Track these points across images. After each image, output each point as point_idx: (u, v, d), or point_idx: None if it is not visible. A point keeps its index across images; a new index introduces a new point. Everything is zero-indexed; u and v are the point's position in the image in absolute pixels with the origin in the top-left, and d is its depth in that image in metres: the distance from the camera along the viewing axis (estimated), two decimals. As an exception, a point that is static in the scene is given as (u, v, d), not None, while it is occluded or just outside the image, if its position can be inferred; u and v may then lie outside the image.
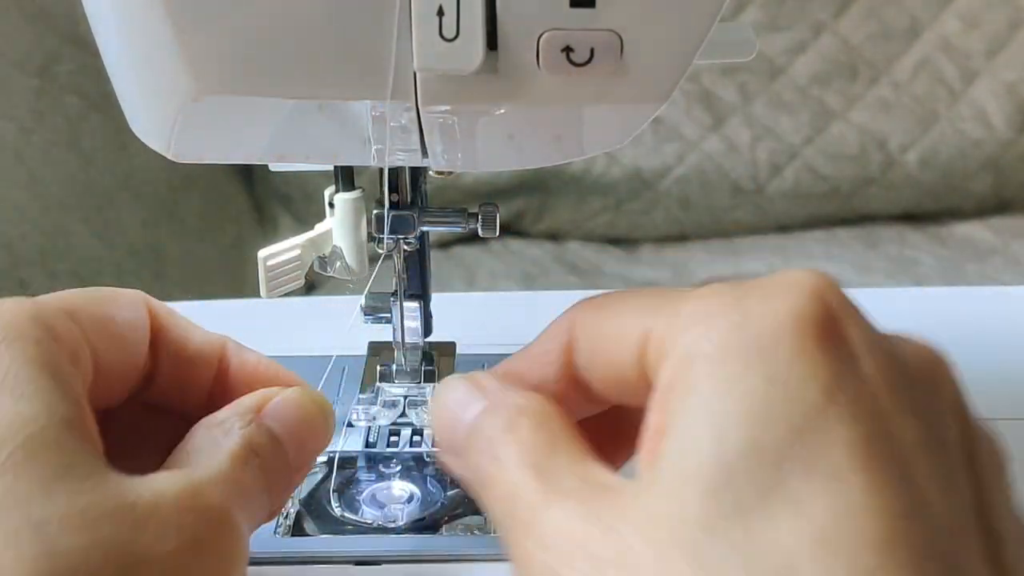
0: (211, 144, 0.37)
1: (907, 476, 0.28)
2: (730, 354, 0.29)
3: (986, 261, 1.14)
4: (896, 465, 0.28)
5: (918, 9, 1.18)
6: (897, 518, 0.27)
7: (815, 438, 0.28)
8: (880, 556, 0.27)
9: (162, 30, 0.33)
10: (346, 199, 0.43)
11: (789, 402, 0.28)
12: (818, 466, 0.28)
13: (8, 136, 0.96)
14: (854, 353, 0.29)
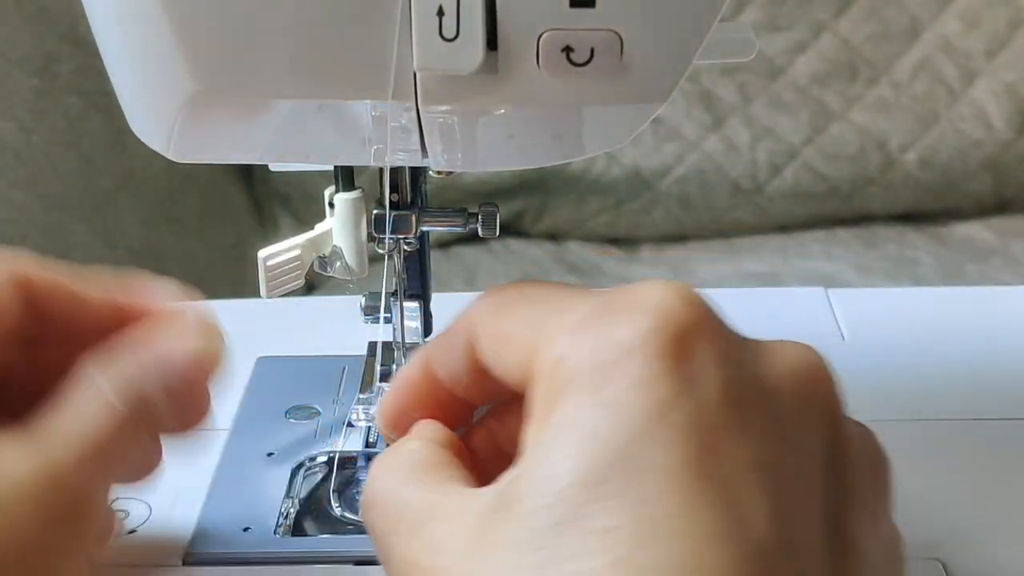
0: (211, 144, 0.37)
1: (727, 498, 0.28)
2: (581, 378, 0.30)
3: (986, 261, 1.13)
4: (717, 487, 0.28)
5: (918, 9, 1.18)
6: (703, 541, 0.27)
7: (635, 463, 0.28)
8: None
9: (162, 30, 0.33)
10: (346, 199, 0.43)
11: (620, 424, 0.29)
12: (632, 490, 0.28)
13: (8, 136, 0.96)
14: (697, 373, 0.29)
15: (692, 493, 0.28)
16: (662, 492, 0.28)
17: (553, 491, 0.28)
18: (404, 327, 0.46)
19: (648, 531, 0.27)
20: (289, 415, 0.48)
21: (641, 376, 0.29)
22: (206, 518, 0.42)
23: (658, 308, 0.30)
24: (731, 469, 0.29)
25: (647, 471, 0.28)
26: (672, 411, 0.29)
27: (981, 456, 0.47)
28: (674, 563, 0.27)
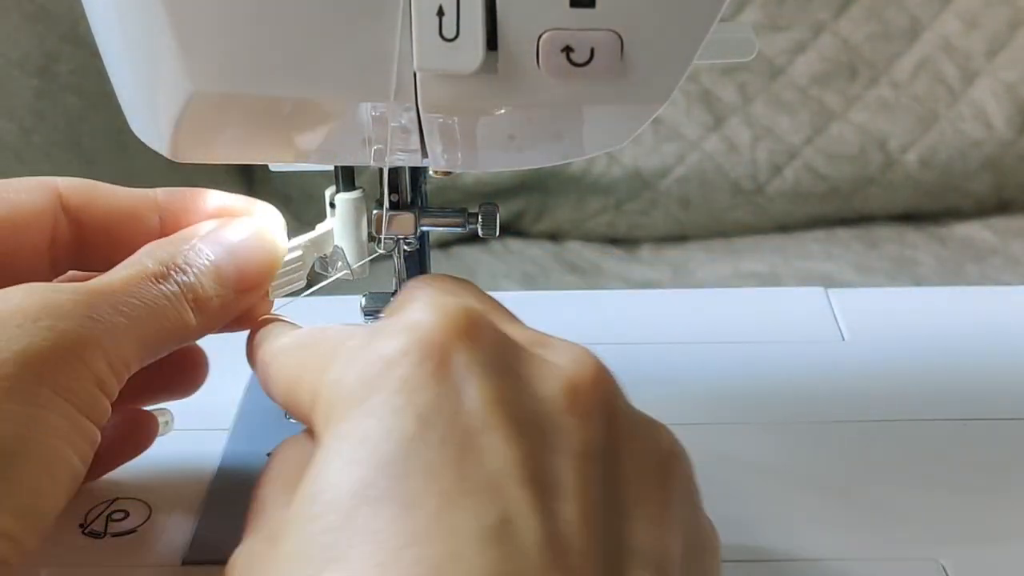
0: (211, 144, 0.37)
1: (488, 499, 0.29)
2: (349, 394, 0.31)
3: (986, 261, 1.13)
4: (478, 488, 0.29)
5: (918, 9, 1.18)
6: (466, 541, 0.28)
7: (399, 468, 0.29)
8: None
9: (162, 30, 0.33)
10: (347, 199, 0.43)
11: (383, 432, 0.30)
12: (395, 494, 0.29)
13: (8, 136, 0.96)
14: (460, 378, 0.30)
15: (455, 495, 0.28)
16: (426, 495, 0.28)
17: (323, 501, 0.29)
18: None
19: (411, 532, 0.28)
20: (289, 415, 0.48)
21: (404, 384, 0.30)
22: (206, 518, 0.42)
23: (418, 323, 0.31)
24: (494, 469, 0.29)
25: (411, 475, 0.29)
26: (434, 415, 0.30)
27: (981, 456, 0.47)
28: (437, 563, 0.27)
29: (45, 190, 0.39)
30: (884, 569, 0.41)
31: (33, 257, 0.39)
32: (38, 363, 0.33)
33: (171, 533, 0.41)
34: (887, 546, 0.42)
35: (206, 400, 0.48)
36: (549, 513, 0.29)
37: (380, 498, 0.29)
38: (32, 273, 0.39)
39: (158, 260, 0.37)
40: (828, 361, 0.53)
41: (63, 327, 0.33)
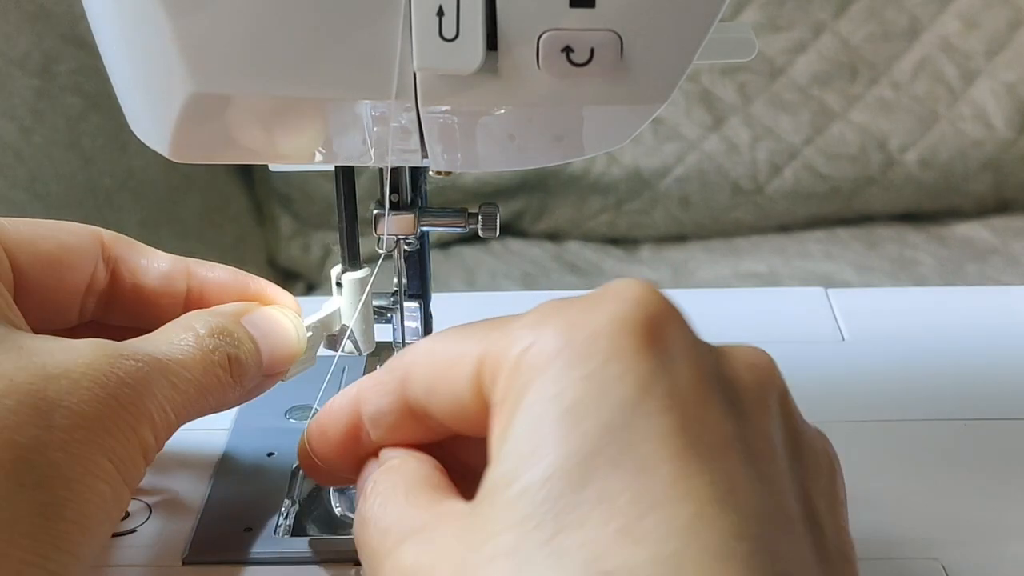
0: (211, 144, 0.37)
1: (717, 465, 0.29)
2: (552, 359, 0.30)
3: (986, 261, 1.13)
4: (706, 455, 0.29)
5: (918, 9, 1.18)
6: (705, 504, 0.28)
7: (625, 433, 0.29)
8: (683, 540, 0.27)
9: (162, 30, 0.33)
10: (353, 279, 0.43)
11: (603, 397, 0.29)
12: (626, 459, 0.28)
13: (8, 136, 0.96)
14: (671, 353, 0.30)
15: (686, 460, 0.29)
16: (658, 460, 0.28)
17: (544, 466, 0.29)
18: (404, 327, 0.46)
19: (649, 497, 0.28)
20: (289, 415, 0.48)
21: (619, 353, 0.30)
22: (206, 518, 0.42)
23: (630, 296, 0.31)
24: (714, 441, 0.29)
25: (639, 441, 0.29)
26: (654, 384, 0.30)
27: (981, 456, 0.47)
28: (680, 526, 0.28)
29: (92, 236, 0.41)
30: (884, 569, 0.41)
31: (69, 298, 0.40)
32: (100, 431, 0.33)
33: (171, 533, 0.41)
34: (887, 546, 0.42)
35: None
36: (766, 486, 0.30)
37: (608, 464, 0.28)
38: (64, 312, 0.40)
39: (210, 329, 0.38)
40: (828, 361, 0.53)
41: (125, 396, 0.34)
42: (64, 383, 0.33)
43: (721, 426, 0.30)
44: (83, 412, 0.33)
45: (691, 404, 0.30)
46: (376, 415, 0.36)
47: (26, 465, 0.31)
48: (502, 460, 0.30)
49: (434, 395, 0.34)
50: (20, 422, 0.32)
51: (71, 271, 0.40)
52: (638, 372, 0.30)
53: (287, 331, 0.41)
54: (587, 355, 0.30)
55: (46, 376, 0.33)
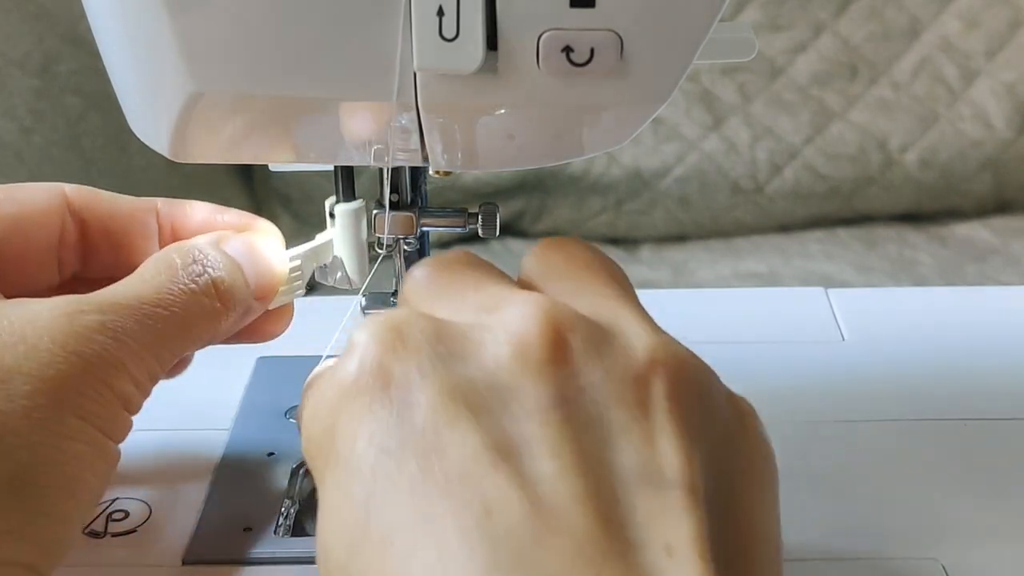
0: (211, 144, 0.37)
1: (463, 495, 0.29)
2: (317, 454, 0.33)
3: (986, 261, 1.13)
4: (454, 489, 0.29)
5: (918, 9, 1.18)
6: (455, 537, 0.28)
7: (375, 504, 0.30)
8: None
9: (162, 30, 0.33)
10: (346, 209, 0.43)
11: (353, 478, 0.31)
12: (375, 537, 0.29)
13: (8, 136, 0.96)
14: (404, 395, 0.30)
15: (431, 506, 0.29)
16: (401, 522, 0.29)
17: (326, 559, 0.31)
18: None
19: (398, 562, 0.28)
20: (289, 415, 0.48)
21: (354, 419, 0.31)
22: (206, 518, 0.42)
23: (358, 346, 0.31)
24: (462, 463, 0.29)
25: (386, 506, 0.29)
26: (389, 439, 0.30)
27: (981, 456, 0.47)
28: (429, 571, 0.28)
29: (53, 192, 0.40)
30: (884, 569, 0.41)
31: (42, 256, 0.40)
32: (65, 391, 0.33)
33: (171, 533, 0.41)
34: (887, 546, 0.42)
35: (206, 400, 0.48)
36: (526, 480, 0.29)
37: (365, 540, 0.29)
38: (41, 271, 0.40)
39: (185, 253, 0.37)
40: (828, 361, 0.53)
41: (90, 352, 0.34)
42: (21, 348, 0.33)
43: (466, 444, 0.29)
44: (43, 375, 0.33)
45: (432, 438, 0.29)
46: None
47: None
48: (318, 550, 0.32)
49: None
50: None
51: (37, 229, 0.39)
52: (374, 433, 0.30)
53: (270, 252, 0.41)
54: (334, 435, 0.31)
55: (1, 345, 0.33)
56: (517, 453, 0.29)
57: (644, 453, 0.30)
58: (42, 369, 0.33)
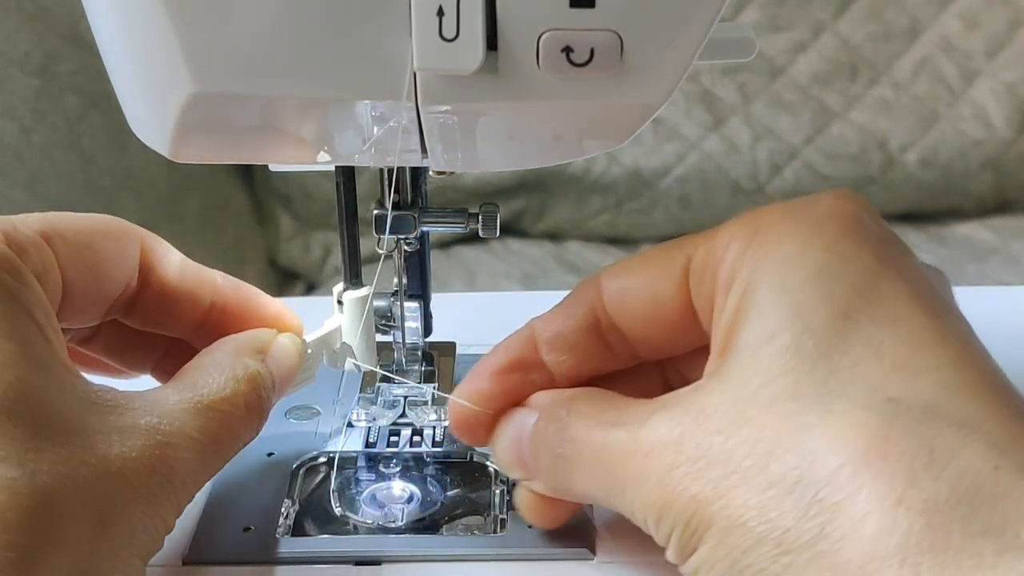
0: (211, 144, 0.37)
1: (950, 319, 0.33)
2: (785, 237, 0.34)
3: (986, 261, 1.13)
4: (943, 310, 0.33)
5: (918, 9, 1.18)
6: (959, 345, 0.32)
7: (876, 293, 0.33)
8: (954, 371, 0.31)
9: (162, 30, 0.33)
10: (354, 298, 0.43)
11: (848, 265, 0.33)
12: (882, 313, 0.32)
13: (8, 136, 0.96)
14: (886, 235, 0.35)
15: (932, 313, 0.33)
16: (911, 312, 0.32)
17: (807, 320, 0.32)
18: (404, 327, 0.46)
19: (913, 341, 0.32)
20: (289, 415, 0.48)
21: (852, 231, 0.34)
22: (206, 518, 0.42)
23: (836, 194, 0.35)
24: (943, 300, 0.34)
25: (889, 298, 0.33)
26: (889, 257, 0.34)
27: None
28: (948, 361, 0.32)
29: (134, 242, 0.41)
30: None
31: (102, 304, 0.41)
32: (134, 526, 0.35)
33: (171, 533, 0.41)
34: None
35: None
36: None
37: (870, 317, 0.32)
38: (91, 317, 0.41)
39: (252, 380, 0.39)
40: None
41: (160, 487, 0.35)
42: (119, 482, 0.34)
43: (934, 291, 0.34)
44: (131, 522, 0.34)
45: (919, 274, 0.34)
46: (557, 336, 0.38)
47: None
48: (752, 323, 0.33)
49: (628, 300, 0.37)
50: (82, 532, 0.33)
51: (110, 281, 0.40)
52: (873, 246, 0.34)
53: (296, 363, 0.42)
54: (822, 231, 0.34)
55: (107, 474, 0.34)
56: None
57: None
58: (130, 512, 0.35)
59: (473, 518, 0.43)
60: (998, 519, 0.28)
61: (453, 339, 0.50)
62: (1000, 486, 0.29)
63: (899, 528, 0.29)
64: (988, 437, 0.30)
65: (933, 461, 0.29)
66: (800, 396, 0.31)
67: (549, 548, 0.41)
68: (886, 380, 0.31)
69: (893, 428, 0.30)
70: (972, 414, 0.30)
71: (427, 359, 0.48)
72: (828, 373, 0.31)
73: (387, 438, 0.46)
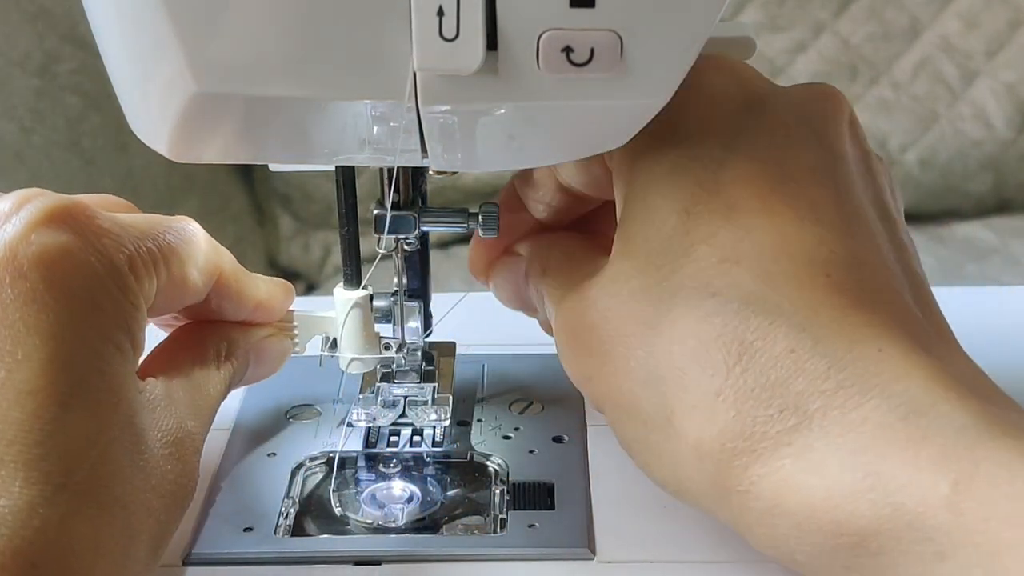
0: (211, 144, 0.37)
1: (799, 191, 0.35)
2: (652, 141, 0.36)
3: (986, 261, 1.13)
4: (790, 187, 0.35)
5: (918, 9, 1.18)
6: (786, 223, 0.34)
7: (716, 183, 0.35)
8: (772, 255, 0.34)
9: (162, 30, 0.33)
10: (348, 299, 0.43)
11: (695, 161, 0.36)
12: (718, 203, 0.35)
13: (8, 136, 0.96)
14: (761, 108, 0.37)
15: (767, 193, 0.35)
16: (745, 198, 0.35)
17: (656, 221, 0.35)
18: (404, 327, 0.46)
19: (740, 229, 0.34)
20: (289, 415, 0.48)
21: (705, 122, 0.37)
22: (206, 518, 0.42)
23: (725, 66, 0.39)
24: (796, 173, 0.35)
25: (727, 186, 0.35)
26: (738, 137, 0.36)
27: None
28: (769, 245, 0.34)
29: (213, 273, 0.41)
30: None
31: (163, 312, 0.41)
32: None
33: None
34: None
35: (206, 400, 0.47)
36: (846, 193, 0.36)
37: (709, 209, 0.35)
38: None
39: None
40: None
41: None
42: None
43: (801, 158, 0.36)
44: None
45: (776, 147, 0.36)
46: (532, 192, 0.44)
47: None
48: (624, 221, 0.37)
49: (575, 178, 0.42)
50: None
51: (178, 304, 0.40)
52: (722, 133, 0.36)
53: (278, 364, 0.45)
54: (676, 128, 0.36)
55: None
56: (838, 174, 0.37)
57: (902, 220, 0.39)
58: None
59: (473, 518, 0.43)
60: (792, 398, 0.32)
61: (453, 339, 0.50)
62: (795, 366, 0.32)
63: (719, 419, 0.33)
64: (790, 321, 0.33)
65: (743, 353, 0.33)
66: (648, 296, 0.35)
67: (549, 548, 0.41)
68: (713, 275, 0.34)
69: (712, 325, 0.33)
70: (781, 300, 0.33)
71: (427, 359, 0.48)
72: (670, 272, 0.34)
73: (387, 438, 0.46)
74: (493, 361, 0.51)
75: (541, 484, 0.44)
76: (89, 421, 0.32)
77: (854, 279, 0.34)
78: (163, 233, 0.39)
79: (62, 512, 0.31)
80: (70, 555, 0.31)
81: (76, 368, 0.33)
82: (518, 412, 0.48)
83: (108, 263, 0.35)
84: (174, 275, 0.38)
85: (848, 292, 0.33)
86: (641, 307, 0.35)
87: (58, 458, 0.31)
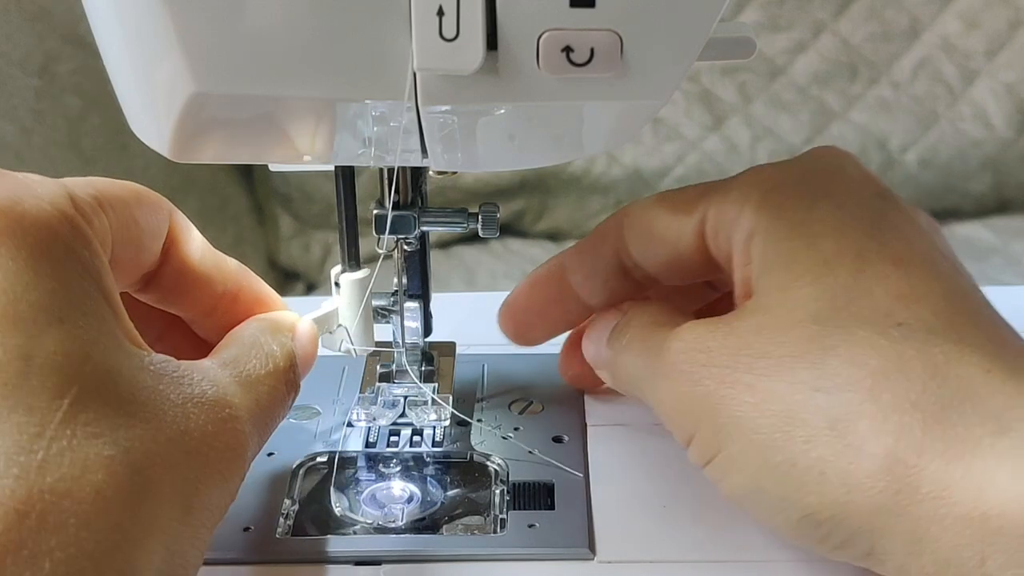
0: (211, 144, 0.37)
1: (938, 256, 0.39)
2: (794, 195, 0.39)
3: (986, 261, 1.13)
4: (933, 250, 0.39)
5: (918, 9, 1.18)
6: (949, 280, 0.38)
7: (882, 237, 0.38)
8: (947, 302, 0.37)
9: (162, 30, 0.33)
10: (352, 280, 0.43)
11: (857, 218, 0.38)
12: (888, 253, 0.37)
13: (8, 136, 0.96)
14: (879, 186, 0.41)
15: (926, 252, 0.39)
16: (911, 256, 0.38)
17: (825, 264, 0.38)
18: (404, 327, 0.46)
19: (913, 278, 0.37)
20: (289, 415, 0.48)
21: (853, 185, 0.40)
22: (206, 518, 0.42)
23: (830, 149, 0.42)
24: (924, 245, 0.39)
25: (892, 241, 0.38)
26: (885, 205, 0.40)
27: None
28: (944, 293, 0.37)
29: (166, 215, 0.40)
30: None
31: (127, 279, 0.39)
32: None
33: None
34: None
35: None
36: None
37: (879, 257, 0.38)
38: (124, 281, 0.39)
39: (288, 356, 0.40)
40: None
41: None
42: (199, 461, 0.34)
43: (921, 233, 0.39)
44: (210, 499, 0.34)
45: (900, 225, 0.39)
46: (588, 275, 0.45)
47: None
48: (777, 270, 0.38)
49: (649, 249, 0.43)
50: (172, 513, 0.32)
51: (146, 254, 0.39)
52: (872, 197, 0.40)
53: (316, 346, 0.42)
54: (828, 187, 0.39)
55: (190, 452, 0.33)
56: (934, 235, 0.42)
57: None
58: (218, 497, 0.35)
59: (473, 518, 0.43)
60: (992, 409, 0.34)
61: (453, 339, 0.50)
62: (993, 385, 0.34)
63: (915, 425, 0.34)
64: (980, 350, 0.35)
65: (937, 371, 0.35)
66: (823, 321, 0.36)
67: (549, 548, 0.41)
68: (894, 308, 0.36)
69: (904, 347, 0.35)
70: (964, 333, 0.36)
71: (427, 359, 0.48)
72: (847, 301, 0.36)
73: (387, 438, 0.46)
74: (493, 361, 0.51)
75: (541, 484, 0.44)
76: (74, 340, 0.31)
77: (997, 315, 0.39)
78: (100, 182, 0.37)
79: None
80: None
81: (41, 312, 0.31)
82: (518, 412, 0.48)
83: (54, 207, 0.34)
84: (121, 216, 0.37)
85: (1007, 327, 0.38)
86: (814, 331, 0.36)
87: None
